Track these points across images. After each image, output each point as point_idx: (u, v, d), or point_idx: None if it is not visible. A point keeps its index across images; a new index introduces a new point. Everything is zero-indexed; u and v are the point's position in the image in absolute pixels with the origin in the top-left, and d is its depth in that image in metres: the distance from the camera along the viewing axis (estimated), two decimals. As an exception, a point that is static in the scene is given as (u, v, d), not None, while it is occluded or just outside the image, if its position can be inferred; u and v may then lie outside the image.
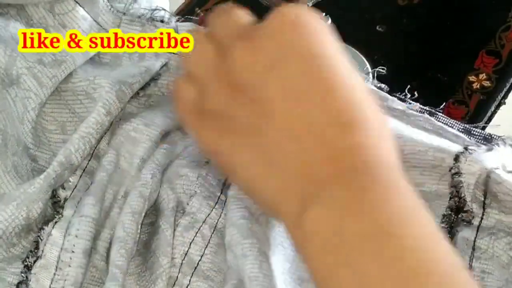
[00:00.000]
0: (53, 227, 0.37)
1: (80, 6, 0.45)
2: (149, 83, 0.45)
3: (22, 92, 0.41)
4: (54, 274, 0.36)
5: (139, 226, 0.38)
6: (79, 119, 0.42)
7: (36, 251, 0.37)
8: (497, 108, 0.57)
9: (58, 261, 0.36)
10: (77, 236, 0.37)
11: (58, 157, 0.38)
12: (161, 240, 0.38)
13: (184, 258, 0.37)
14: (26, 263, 0.36)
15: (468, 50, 0.59)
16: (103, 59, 0.46)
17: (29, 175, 0.40)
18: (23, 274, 0.36)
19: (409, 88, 0.44)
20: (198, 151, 0.42)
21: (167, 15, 0.47)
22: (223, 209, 0.39)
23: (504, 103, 0.58)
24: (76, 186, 0.40)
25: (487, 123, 0.57)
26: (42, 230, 0.37)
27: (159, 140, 0.42)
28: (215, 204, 0.39)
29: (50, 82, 0.41)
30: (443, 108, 0.43)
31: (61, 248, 0.37)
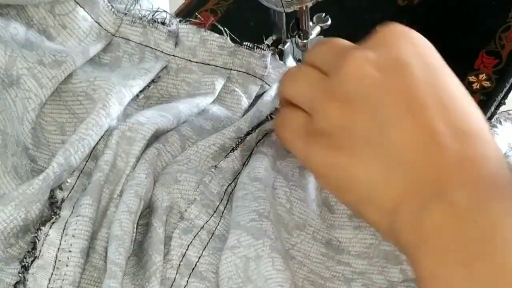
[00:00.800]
0: (50, 228, 0.37)
1: (81, 7, 0.45)
2: (149, 85, 0.45)
3: (22, 93, 0.41)
4: (52, 274, 0.36)
5: (135, 226, 0.38)
6: (79, 120, 0.42)
7: (34, 251, 0.37)
8: (497, 109, 0.57)
9: (56, 261, 0.37)
10: (74, 236, 0.37)
11: (57, 158, 0.38)
12: (153, 238, 0.38)
13: (182, 260, 0.38)
14: (24, 264, 0.37)
15: (468, 50, 0.59)
16: (103, 60, 0.46)
17: (29, 176, 0.40)
18: (21, 275, 0.36)
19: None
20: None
21: (168, 17, 0.47)
22: (221, 218, 0.40)
23: (504, 103, 0.58)
24: (74, 187, 0.40)
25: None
26: (40, 231, 0.37)
27: (154, 140, 0.42)
28: (214, 213, 0.40)
29: (50, 83, 0.41)
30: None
31: (59, 248, 0.37)
